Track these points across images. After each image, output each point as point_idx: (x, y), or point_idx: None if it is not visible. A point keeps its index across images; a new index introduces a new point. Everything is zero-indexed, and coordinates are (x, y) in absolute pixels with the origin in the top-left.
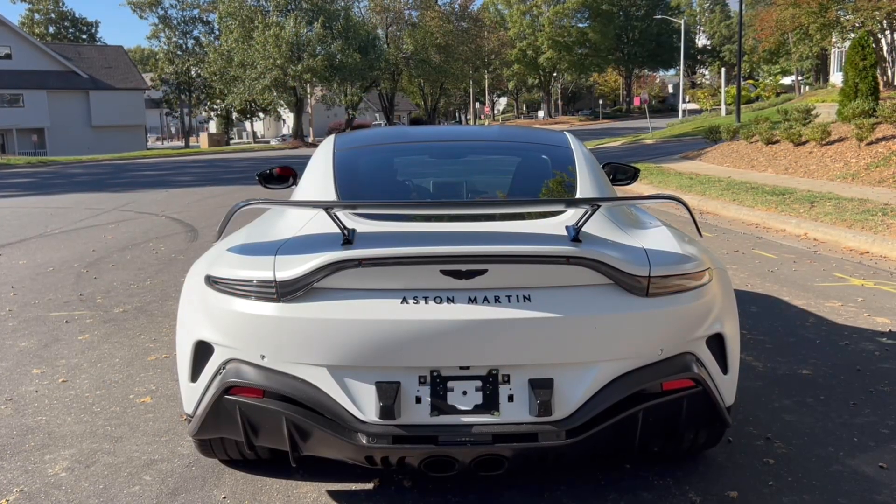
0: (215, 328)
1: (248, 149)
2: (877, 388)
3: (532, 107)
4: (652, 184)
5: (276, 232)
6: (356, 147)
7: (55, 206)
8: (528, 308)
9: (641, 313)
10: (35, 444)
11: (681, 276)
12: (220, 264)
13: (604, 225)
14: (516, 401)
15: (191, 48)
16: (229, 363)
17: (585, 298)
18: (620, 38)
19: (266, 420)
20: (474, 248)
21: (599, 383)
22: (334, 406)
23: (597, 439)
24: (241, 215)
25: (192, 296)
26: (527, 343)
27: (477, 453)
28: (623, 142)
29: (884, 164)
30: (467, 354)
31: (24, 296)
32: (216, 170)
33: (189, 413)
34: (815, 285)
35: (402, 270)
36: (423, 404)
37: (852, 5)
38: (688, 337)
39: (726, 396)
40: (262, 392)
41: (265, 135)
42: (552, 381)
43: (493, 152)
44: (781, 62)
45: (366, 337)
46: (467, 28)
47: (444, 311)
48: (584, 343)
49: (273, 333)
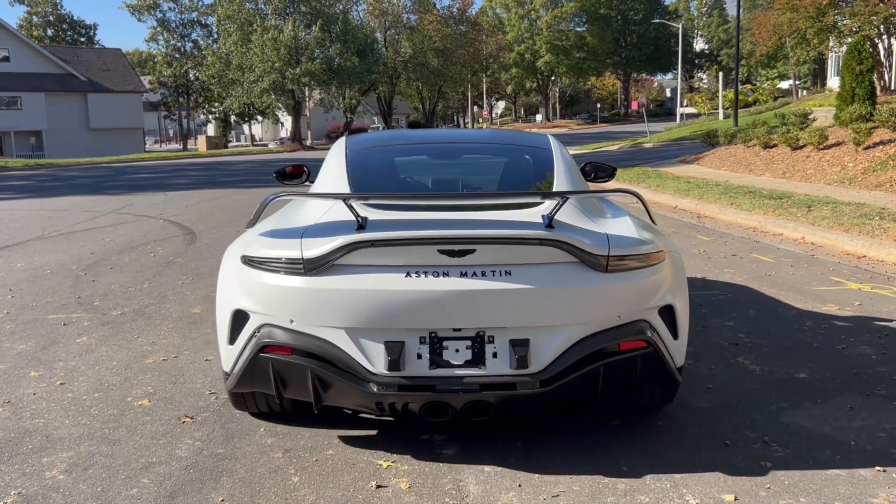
0: (251, 299)
1: (247, 152)
2: (874, 392)
3: (530, 110)
4: (650, 188)
5: (300, 219)
6: (365, 148)
7: (53, 208)
8: (509, 281)
9: (602, 286)
10: (33, 446)
11: (635, 256)
12: (255, 246)
13: (574, 214)
14: (499, 357)
15: (189, 51)
16: (263, 327)
17: (556, 273)
18: (618, 42)
19: (294, 374)
20: (465, 232)
21: (567, 343)
22: (350, 361)
23: (566, 389)
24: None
25: (229, 273)
26: (508, 310)
27: (467, 399)
28: (621, 145)
29: (881, 168)
30: (459, 319)
31: (22, 298)
32: (214, 173)
33: (227, 371)
34: (812, 289)
35: (405, 250)
36: (423, 360)
37: (849, 10)
38: (642, 306)
39: (676, 358)
40: (291, 350)
41: (263, 138)
42: (529, 340)
43: (484, 153)
44: (779, 66)
45: (376, 304)
46: (465, 32)
47: (441, 283)
48: (555, 310)
49: (300, 302)
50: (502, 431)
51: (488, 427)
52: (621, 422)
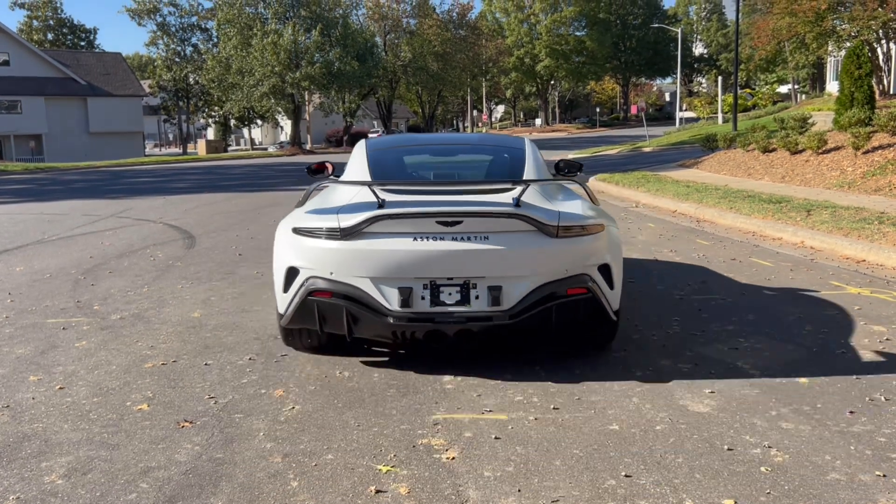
0: (301, 258)
1: (246, 156)
2: (874, 397)
3: (530, 114)
4: (649, 192)
5: (335, 200)
6: (381, 149)
7: (52, 212)
8: (487, 244)
9: (553, 248)
10: (31, 451)
11: (578, 227)
12: (304, 220)
13: (536, 196)
14: (480, 298)
15: (189, 55)
16: (310, 278)
17: (520, 239)
18: (618, 47)
19: (332, 312)
20: (455, 209)
21: (528, 289)
22: (374, 301)
23: (528, 322)
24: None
25: (283, 241)
26: (486, 264)
27: (457, 328)
28: (620, 150)
29: (880, 172)
30: (451, 271)
31: (21, 302)
32: (214, 177)
33: (281, 312)
34: (811, 293)
35: (413, 221)
36: (425, 300)
37: (848, 15)
38: (584, 263)
39: (613, 303)
40: (331, 294)
41: (263, 142)
42: (501, 287)
43: (473, 152)
44: (778, 71)
45: (392, 260)
46: (465, 36)
47: (438, 245)
48: (520, 265)
49: (338, 259)
50: (502, 435)
51: (488, 429)
52: (620, 427)
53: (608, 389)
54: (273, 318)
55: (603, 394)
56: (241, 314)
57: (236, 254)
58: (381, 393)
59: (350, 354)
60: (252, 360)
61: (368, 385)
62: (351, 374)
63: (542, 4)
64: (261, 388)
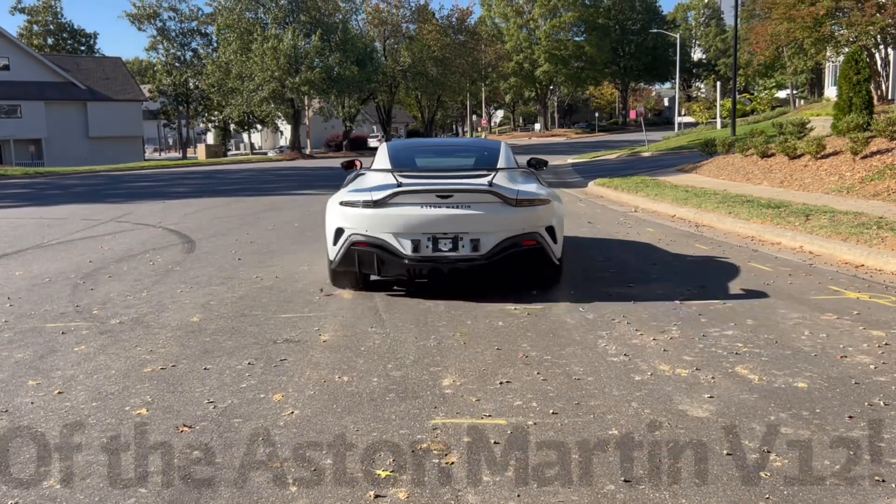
0: (345, 221)
1: (246, 160)
2: (873, 402)
3: (529, 119)
4: (648, 196)
5: (367, 183)
6: (398, 148)
7: (52, 216)
8: (469, 210)
9: (514, 214)
10: (30, 456)
11: (531, 200)
12: (347, 196)
13: (504, 180)
14: (465, 247)
15: (189, 60)
16: (352, 235)
17: (492, 207)
18: (616, 52)
19: (366, 257)
20: (449, 187)
21: (497, 240)
22: (395, 249)
23: (498, 263)
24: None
25: (332, 210)
26: (469, 224)
27: (450, 266)
28: (619, 154)
29: (878, 177)
30: (446, 228)
31: (21, 307)
32: (213, 181)
33: (332, 259)
34: (810, 298)
35: (420, 195)
36: (429, 248)
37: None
38: (535, 225)
39: (556, 253)
40: (366, 244)
41: (263, 146)
42: (479, 239)
43: (464, 151)
44: (776, 76)
45: (406, 221)
46: (464, 41)
47: (437, 211)
48: (491, 225)
49: (370, 221)
50: (501, 440)
51: (487, 434)
52: (619, 431)
53: (607, 394)
54: (273, 322)
55: (602, 398)
56: (241, 319)
57: (235, 258)
58: (379, 398)
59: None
60: (251, 364)
61: (367, 390)
62: (350, 379)
63: (541, 10)
64: (260, 392)
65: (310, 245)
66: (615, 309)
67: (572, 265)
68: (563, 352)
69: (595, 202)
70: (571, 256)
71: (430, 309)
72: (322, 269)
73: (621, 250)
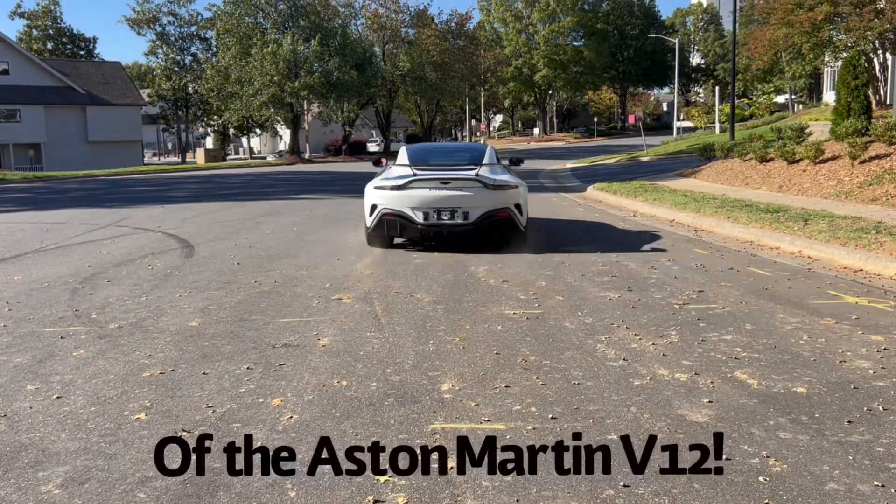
0: (378, 199)
1: (245, 165)
2: (872, 406)
3: (528, 124)
4: (647, 201)
5: (393, 174)
6: (414, 150)
7: (50, 221)
8: (462, 192)
9: (493, 195)
10: (28, 460)
11: (504, 186)
12: (379, 182)
13: (487, 172)
14: (458, 217)
15: (188, 64)
16: (382, 208)
17: (478, 190)
18: (615, 57)
19: (391, 224)
20: (448, 177)
21: (481, 213)
22: (411, 218)
23: (482, 228)
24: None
25: (369, 192)
26: (461, 201)
27: (448, 230)
28: (618, 159)
29: (877, 182)
30: (446, 205)
31: (19, 311)
32: (212, 186)
33: (368, 226)
34: (809, 303)
35: (428, 182)
36: (434, 217)
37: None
38: (507, 202)
39: (522, 222)
40: (392, 214)
41: (262, 151)
42: (468, 212)
43: (460, 151)
44: (775, 81)
45: (419, 199)
46: (463, 46)
47: (440, 192)
48: (476, 202)
49: (395, 199)
50: (500, 445)
51: (487, 437)
52: (618, 436)
53: (606, 399)
54: (271, 327)
55: (601, 403)
56: (240, 323)
57: (234, 263)
58: (378, 402)
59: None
60: (250, 369)
61: (366, 394)
62: (349, 384)
63: (540, 15)
64: (259, 397)
65: (309, 249)
66: (614, 313)
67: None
68: (562, 356)
69: (594, 207)
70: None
71: (429, 314)
72: (321, 274)
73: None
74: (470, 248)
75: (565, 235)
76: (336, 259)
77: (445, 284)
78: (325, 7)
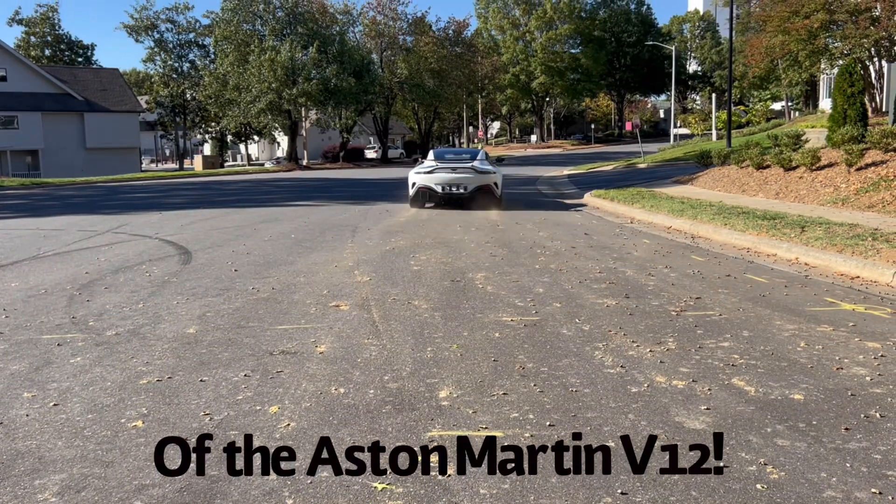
0: (416, 179)
1: (243, 171)
2: (869, 413)
3: (525, 131)
4: (644, 208)
5: (425, 165)
6: (437, 152)
7: (48, 227)
8: (464, 175)
9: (482, 175)
10: (25, 468)
11: (487, 171)
12: (417, 169)
13: (480, 165)
14: (461, 189)
15: (186, 71)
16: (419, 185)
17: (472, 173)
18: (612, 64)
19: (423, 193)
20: (456, 166)
21: (474, 186)
22: (435, 190)
23: (473, 195)
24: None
25: (411, 175)
26: (463, 181)
27: (456, 197)
28: (616, 166)
29: (873, 188)
30: (455, 182)
31: (16, 318)
32: (210, 192)
33: (410, 195)
34: (806, 310)
35: (444, 169)
36: (448, 190)
37: (840, 33)
38: (489, 181)
39: (497, 193)
40: (424, 188)
41: (260, 157)
42: (467, 186)
43: (463, 152)
44: (771, 88)
45: (439, 179)
46: (461, 53)
47: (451, 175)
48: (472, 180)
49: (425, 179)
50: (497, 453)
51: (486, 440)
52: (616, 444)
53: (604, 406)
54: (269, 334)
55: (599, 410)
56: (237, 330)
57: (232, 269)
58: (376, 410)
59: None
60: (247, 376)
61: (364, 402)
62: (346, 391)
63: (537, 22)
64: (256, 404)
65: (306, 256)
66: (611, 320)
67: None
68: (560, 363)
69: (591, 213)
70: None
71: (427, 321)
72: (318, 281)
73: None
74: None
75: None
76: (334, 266)
77: (443, 291)
78: (322, 14)
